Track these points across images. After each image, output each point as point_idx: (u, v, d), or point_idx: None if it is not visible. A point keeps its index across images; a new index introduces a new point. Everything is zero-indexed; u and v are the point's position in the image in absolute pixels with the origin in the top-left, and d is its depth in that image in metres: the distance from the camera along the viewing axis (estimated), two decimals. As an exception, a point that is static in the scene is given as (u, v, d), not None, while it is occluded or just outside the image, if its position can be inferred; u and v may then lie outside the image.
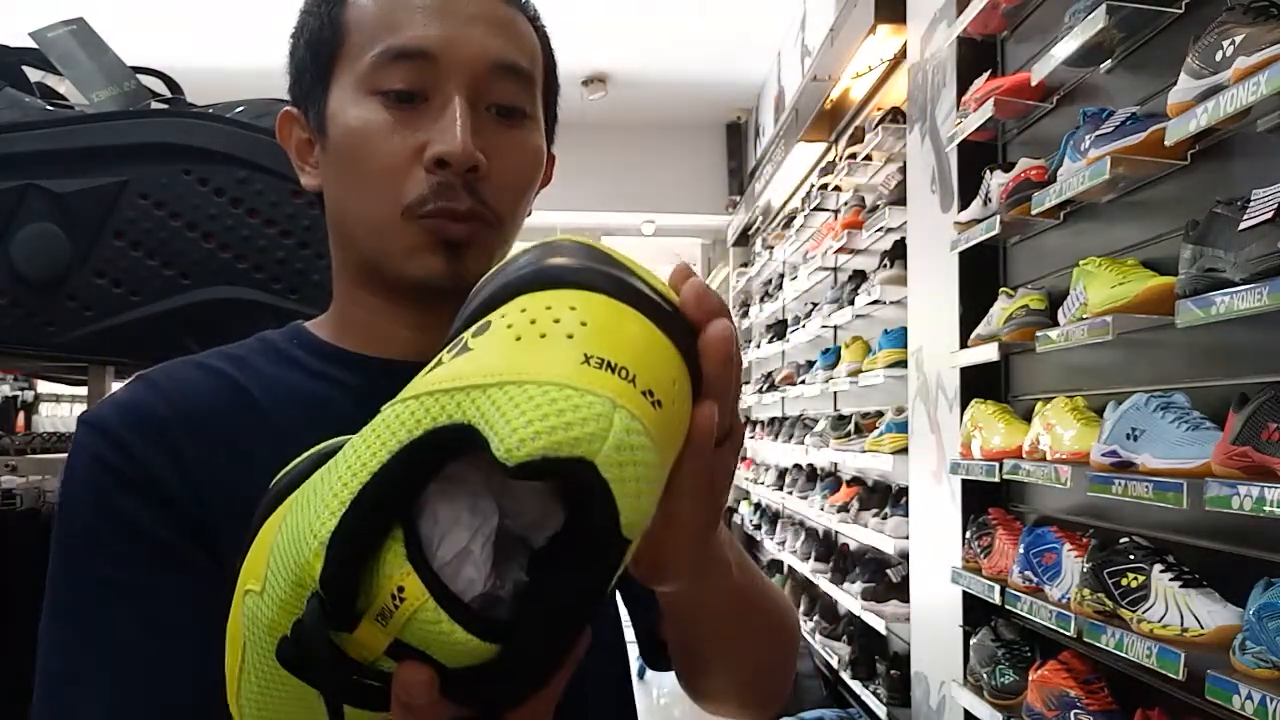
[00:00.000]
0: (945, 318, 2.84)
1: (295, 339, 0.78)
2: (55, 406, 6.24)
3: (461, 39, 0.71)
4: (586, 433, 0.40)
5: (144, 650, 0.65)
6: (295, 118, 0.78)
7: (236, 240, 1.27)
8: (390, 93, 0.70)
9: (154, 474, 0.67)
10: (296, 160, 0.78)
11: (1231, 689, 1.46)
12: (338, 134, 0.72)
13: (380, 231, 0.72)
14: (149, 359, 0.82)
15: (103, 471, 0.67)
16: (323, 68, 0.74)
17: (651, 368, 0.44)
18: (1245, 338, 1.73)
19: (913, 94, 3.27)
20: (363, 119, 0.71)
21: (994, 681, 2.37)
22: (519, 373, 0.41)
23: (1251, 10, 1.56)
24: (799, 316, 5.32)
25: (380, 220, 0.71)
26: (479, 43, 0.72)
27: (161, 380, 0.72)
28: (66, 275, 1.25)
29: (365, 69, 0.71)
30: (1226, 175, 1.79)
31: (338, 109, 0.72)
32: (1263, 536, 1.66)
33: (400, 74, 0.70)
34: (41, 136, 1.25)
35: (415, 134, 0.70)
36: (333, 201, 0.76)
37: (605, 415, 0.40)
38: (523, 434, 0.39)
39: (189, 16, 5.67)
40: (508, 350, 0.43)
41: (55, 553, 0.67)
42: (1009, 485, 2.57)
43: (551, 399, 0.40)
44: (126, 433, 0.68)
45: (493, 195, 0.71)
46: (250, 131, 1.29)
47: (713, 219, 7.94)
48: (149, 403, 0.70)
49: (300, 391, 0.74)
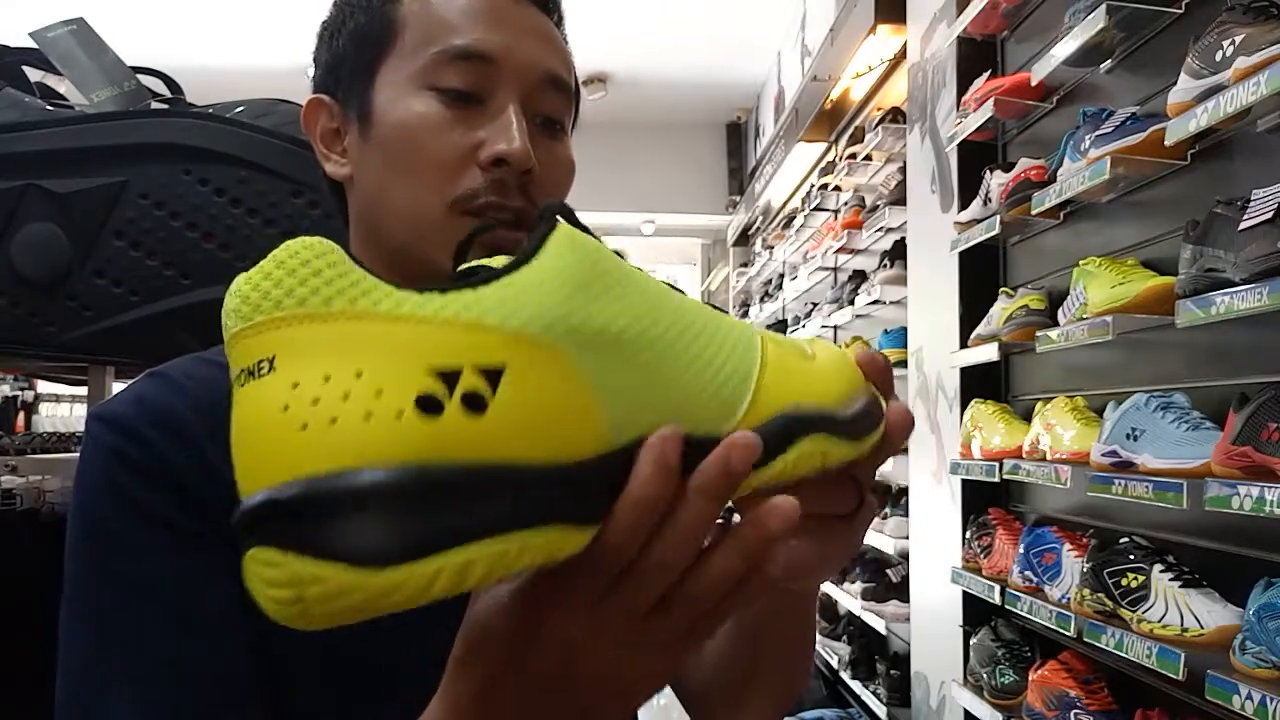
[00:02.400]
0: (945, 318, 2.84)
1: None
2: (55, 406, 6.24)
3: (520, 48, 0.73)
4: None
5: (173, 647, 0.64)
6: (325, 105, 0.78)
7: (236, 240, 1.27)
8: (449, 91, 0.71)
9: (175, 467, 0.66)
10: (321, 147, 0.78)
11: (1231, 689, 1.46)
12: (387, 126, 0.73)
13: (423, 222, 0.72)
14: (149, 359, 0.82)
15: (120, 465, 0.66)
16: (368, 61, 0.74)
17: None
18: (1245, 338, 1.73)
19: (913, 94, 3.27)
20: (418, 113, 0.71)
21: (994, 681, 2.37)
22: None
23: (1251, 10, 1.56)
24: (799, 316, 5.32)
25: (426, 211, 0.72)
26: (534, 54, 0.74)
27: (175, 375, 0.71)
28: (66, 275, 1.25)
29: (423, 65, 0.72)
30: (1226, 175, 1.79)
31: (387, 102, 0.73)
32: (1263, 536, 1.66)
33: (460, 74, 0.71)
34: (41, 136, 1.25)
35: (471, 132, 0.71)
36: (369, 191, 0.76)
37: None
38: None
39: (189, 16, 5.67)
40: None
41: (74, 550, 0.66)
42: (1009, 485, 2.57)
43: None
44: (144, 426, 0.67)
45: (539, 200, 0.73)
46: (250, 131, 1.29)
47: (713, 219, 7.94)
48: (164, 397, 0.69)
49: None
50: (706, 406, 0.45)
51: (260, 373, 0.37)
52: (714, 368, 0.45)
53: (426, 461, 0.35)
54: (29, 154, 1.24)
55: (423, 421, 0.35)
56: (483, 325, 0.38)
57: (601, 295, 0.41)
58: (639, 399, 0.42)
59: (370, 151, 0.74)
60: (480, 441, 0.36)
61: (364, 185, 0.76)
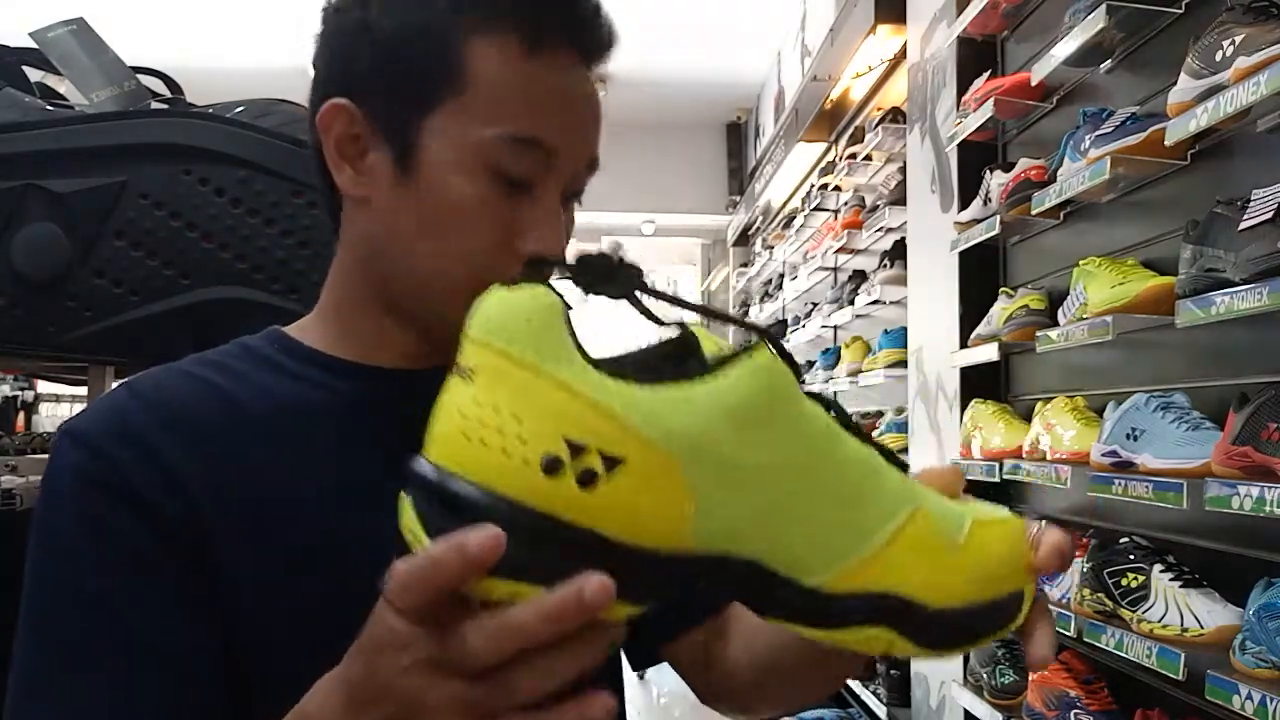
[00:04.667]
0: (945, 318, 2.84)
1: (276, 344, 0.77)
2: (55, 406, 6.23)
3: (579, 139, 0.72)
4: None
5: (120, 666, 0.64)
6: (349, 112, 0.72)
7: (236, 240, 1.27)
8: (505, 176, 0.69)
9: (136, 483, 0.66)
10: (335, 155, 0.73)
11: (1231, 689, 1.46)
12: (433, 189, 0.70)
13: (442, 283, 0.71)
14: (149, 359, 0.82)
15: (83, 482, 0.67)
16: (422, 97, 0.70)
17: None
18: (1245, 338, 1.73)
19: (913, 94, 3.27)
20: (469, 193, 0.69)
21: (994, 681, 2.37)
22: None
23: (1251, 10, 1.55)
24: (799, 316, 5.32)
25: (449, 277, 0.71)
26: (590, 143, 0.73)
27: (144, 388, 0.72)
28: (66, 275, 1.25)
29: (484, 141, 0.69)
30: (1226, 175, 1.79)
31: (439, 163, 0.70)
32: (1263, 536, 1.66)
33: (520, 161, 0.69)
34: (41, 136, 1.25)
35: (512, 213, 0.70)
36: (389, 230, 0.73)
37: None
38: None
39: (189, 16, 5.67)
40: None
41: (32, 562, 0.67)
42: (1009, 485, 2.57)
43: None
44: (107, 442, 0.67)
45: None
46: (250, 131, 1.29)
47: (713, 219, 7.94)
48: (130, 410, 0.70)
49: (287, 396, 0.74)
50: (801, 551, 0.48)
51: (464, 376, 0.47)
52: (834, 523, 0.48)
53: (529, 505, 0.44)
54: (29, 154, 1.24)
55: (542, 476, 0.44)
56: (624, 422, 0.44)
57: (753, 431, 0.46)
58: (736, 523, 0.47)
59: (404, 198, 0.71)
60: (579, 508, 0.44)
61: (385, 223, 0.73)
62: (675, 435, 0.44)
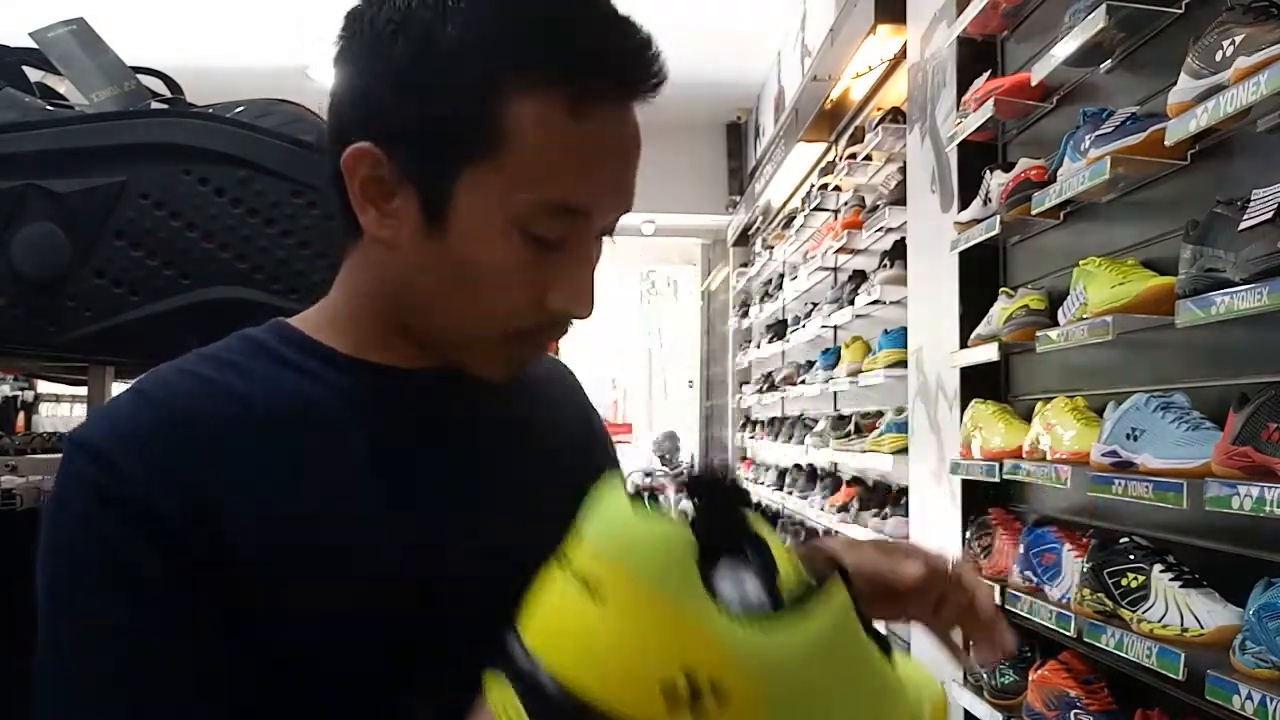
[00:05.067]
0: (945, 318, 2.84)
1: (280, 336, 0.77)
2: (55, 406, 6.23)
3: (614, 200, 0.72)
4: None
5: (125, 691, 0.64)
6: (375, 156, 0.70)
7: (236, 240, 1.27)
8: (539, 239, 0.69)
9: (144, 494, 0.65)
10: (360, 197, 0.71)
11: (1231, 689, 1.46)
12: (465, 248, 0.69)
13: (469, 338, 0.73)
14: (149, 359, 0.81)
15: (94, 499, 0.66)
16: (457, 151, 0.68)
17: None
18: (1245, 338, 1.73)
19: (913, 94, 3.27)
20: (501, 256, 0.69)
21: (994, 681, 2.37)
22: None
23: (1251, 10, 1.56)
24: (799, 316, 5.32)
25: (477, 332, 0.72)
26: (627, 196, 0.74)
27: (152, 391, 0.71)
28: (66, 275, 1.25)
29: (521, 206, 0.68)
30: (1226, 175, 1.79)
31: (473, 221, 0.69)
32: (1263, 536, 1.66)
33: (556, 225, 0.69)
34: (41, 136, 1.25)
35: (544, 271, 0.70)
36: (416, 280, 0.72)
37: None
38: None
39: (189, 16, 5.67)
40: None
41: (43, 574, 0.66)
42: (1009, 485, 2.57)
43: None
44: (120, 457, 0.66)
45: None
46: (250, 131, 1.29)
47: (713, 219, 7.93)
48: (139, 417, 0.69)
49: (293, 390, 0.73)
50: None
51: (591, 590, 0.50)
52: None
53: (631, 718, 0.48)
54: (29, 154, 1.24)
55: (662, 704, 0.47)
56: (742, 666, 0.48)
57: (827, 668, 0.51)
58: None
59: (432, 251, 0.70)
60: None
61: (411, 269, 0.72)
62: (773, 674, 0.49)
